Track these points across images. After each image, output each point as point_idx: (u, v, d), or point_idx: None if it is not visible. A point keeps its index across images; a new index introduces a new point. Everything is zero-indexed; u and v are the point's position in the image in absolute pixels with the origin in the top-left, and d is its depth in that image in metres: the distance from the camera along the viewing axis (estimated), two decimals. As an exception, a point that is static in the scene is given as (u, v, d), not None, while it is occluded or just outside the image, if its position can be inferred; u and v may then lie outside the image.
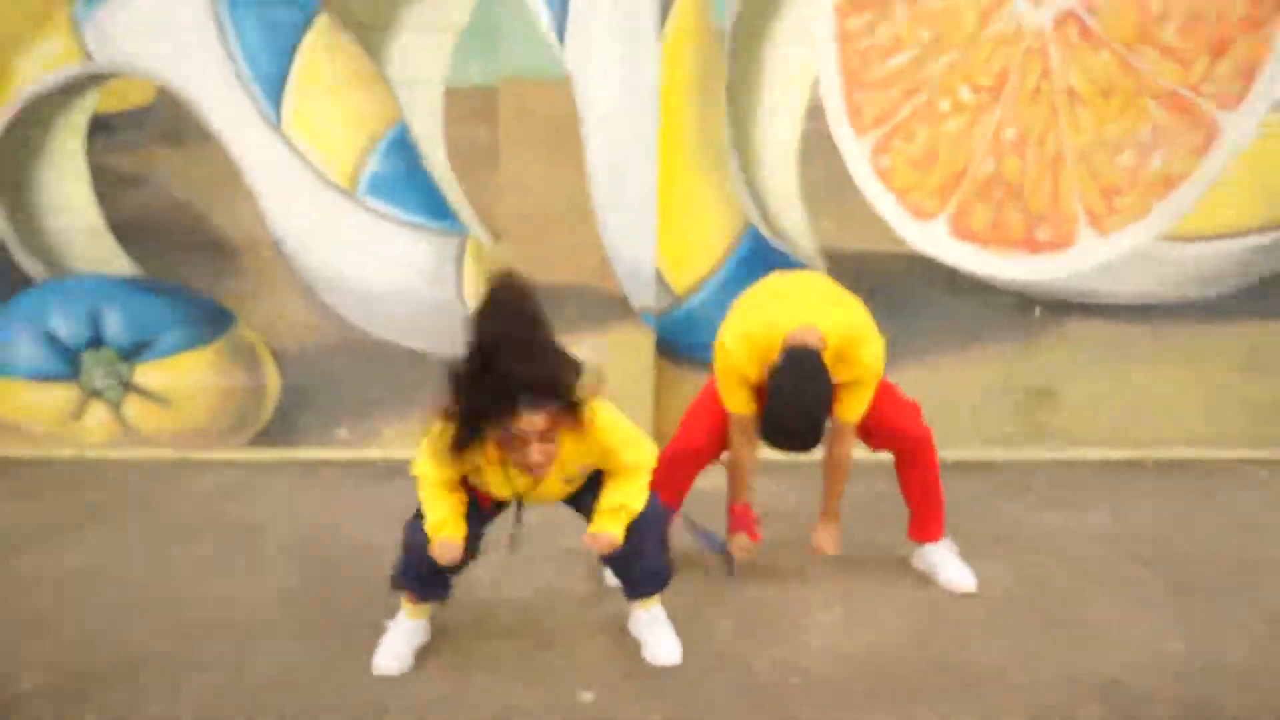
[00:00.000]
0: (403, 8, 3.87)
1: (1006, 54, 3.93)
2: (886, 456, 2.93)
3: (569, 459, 2.29)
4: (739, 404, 2.70)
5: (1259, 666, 2.42)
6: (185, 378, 4.17)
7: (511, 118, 3.74)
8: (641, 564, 2.43)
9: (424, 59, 3.91)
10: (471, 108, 3.92)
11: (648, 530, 2.38)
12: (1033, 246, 4.10)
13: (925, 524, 2.92)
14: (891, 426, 2.81)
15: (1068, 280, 4.13)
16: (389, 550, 2.52)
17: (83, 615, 2.69)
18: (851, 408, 2.67)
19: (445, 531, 2.30)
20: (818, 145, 4.00)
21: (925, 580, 2.91)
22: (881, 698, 2.28)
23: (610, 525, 2.32)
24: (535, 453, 2.13)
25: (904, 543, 3.02)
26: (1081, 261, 4.10)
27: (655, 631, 2.49)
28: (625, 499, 2.33)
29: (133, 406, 4.20)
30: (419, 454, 2.32)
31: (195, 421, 4.22)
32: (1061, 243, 4.10)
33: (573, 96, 3.72)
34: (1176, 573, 2.97)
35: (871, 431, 2.84)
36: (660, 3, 3.74)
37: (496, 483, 2.34)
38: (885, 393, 2.78)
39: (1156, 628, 2.61)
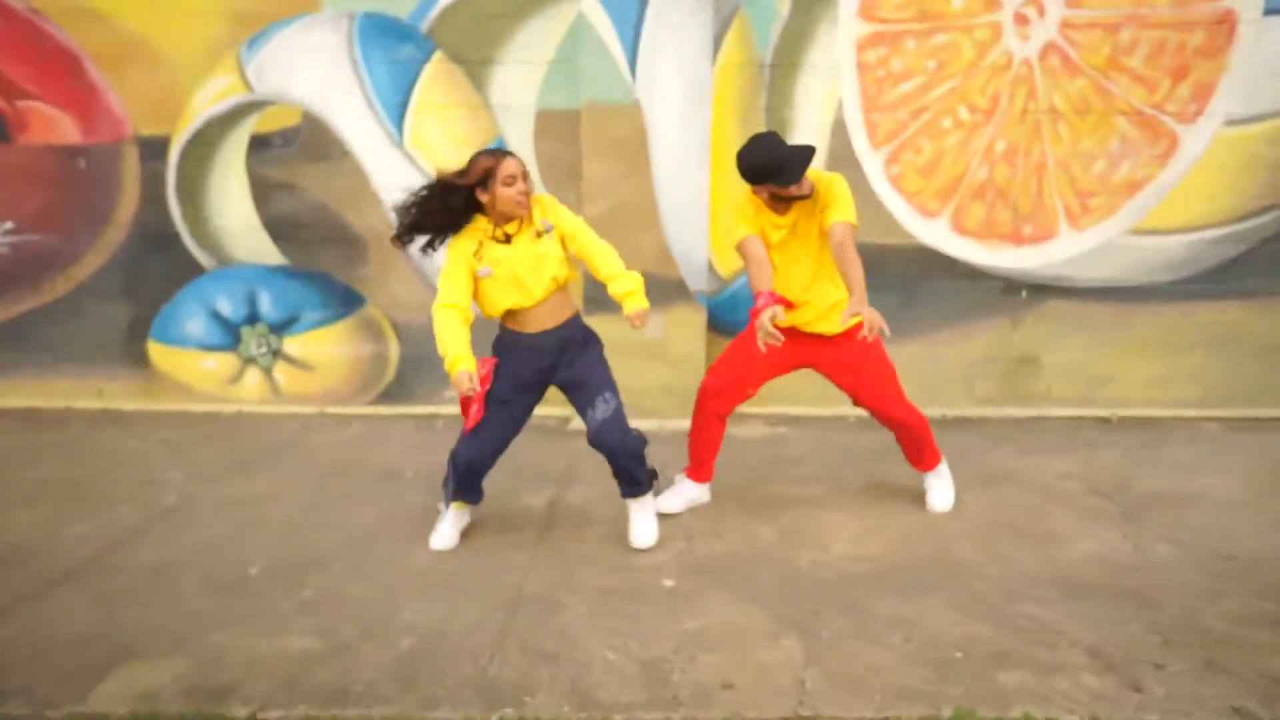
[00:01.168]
0: (502, 46, 4.36)
1: (999, 80, 4.34)
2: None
3: (532, 221, 2.83)
4: (751, 228, 3.03)
5: (1182, 562, 2.88)
6: (324, 347, 4.72)
7: (592, 136, 4.22)
8: (643, 469, 3.03)
9: (519, 88, 4.40)
10: (557, 128, 4.40)
11: (639, 448, 2.99)
12: (1019, 240, 4.52)
13: (918, 462, 3.38)
14: (889, 416, 3.23)
15: (1048, 268, 4.55)
16: (494, 480, 3.07)
17: (277, 528, 3.25)
18: (841, 211, 2.92)
19: (461, 364, 2.75)
20: (841, 157, 4.44)
21: (920, 505, 3.38)
22: (889, 586, 2.77)
23: (639, 301, 2.86)
24: (523, 186, 2.75)
25: (901, 477, 3.50)
26: (1060, 252, 4.51)
27: (640, 520, 3.06)
28: (631, 278, 2.88)
29: (281, 372, 4.77)
30: (439, 290, 2.82)
31: (331, 384, 4.78)
32: (1044, 236, 4.51)
33: (641, 119, 4.19)
34: (1127, 501, 3.43)
35: (872, 410, 3.24)
36: (712, 40, 4.19)
37: (492, 255, 2.80)
38: (884, 376, 3.20)
39: (1106, 539, 3.08)
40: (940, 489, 3.38)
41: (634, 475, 3.01)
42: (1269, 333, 4.56)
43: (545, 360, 2.93)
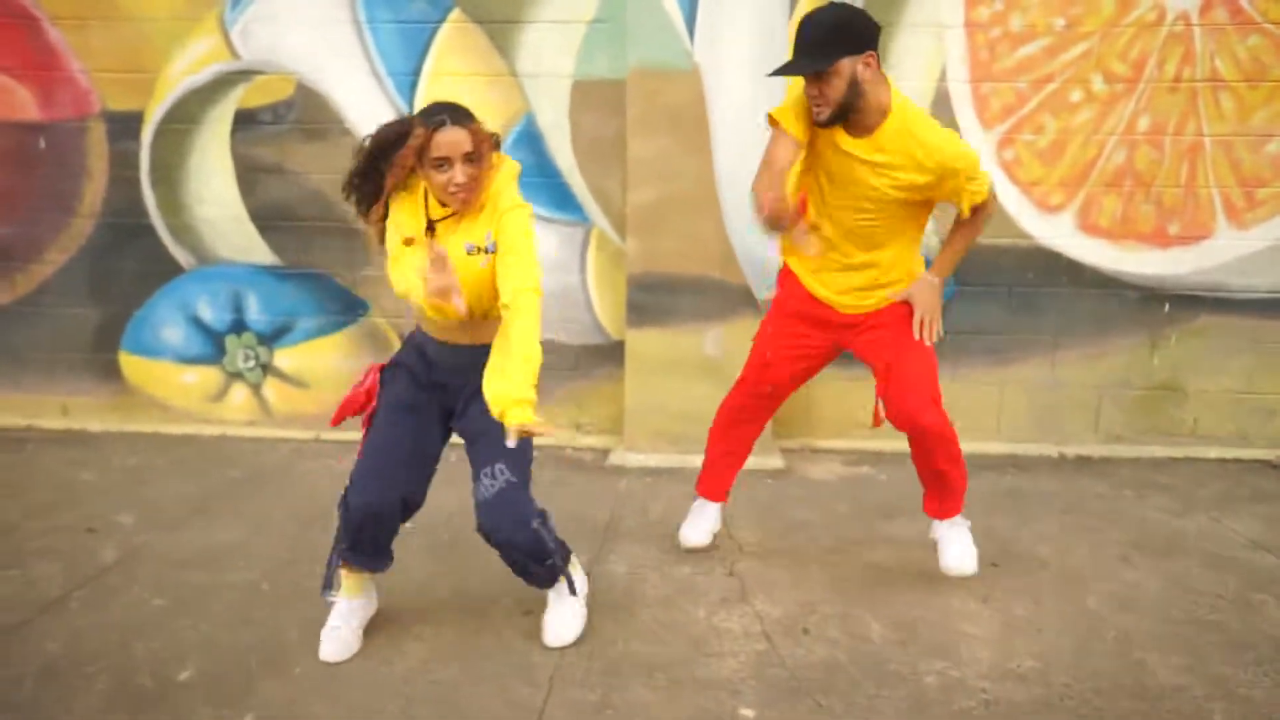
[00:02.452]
0: (531, 3, 3.59)
1: (1146, 40, 3.47)
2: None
3: (475, 226, 2.05)
4: (795, 128, 2.25)
5: None
6: (321, 361, 3.99)
7: (640, 109, 3.43)
8: (541, 564, 2.20)
9: (552, 53, 3.62)
10: (599, 99, 3.62)
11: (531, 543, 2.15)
12: (1164, 241, 3.64)
13: (938, 504, 2.52)
14: (915, 421, 2.36)
15: (1200, 274, 3.66)
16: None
17: (232, 600, 2.49)
18: (967, 197, 2.27)
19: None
20: (943, 135, 3.60)
21: (1078, 586, 2.53)
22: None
23: (521, 415, 1.89)
24: (459, 173, 1.95)
25: (1035, 536, 2.66)
26: (1216, 256, 3.63)
27: (554, 613, 2.26)
28: (520, 366, 1.94)
29: (272, 388, 4.04)
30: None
31: (329, 403, 4.02)
32: (1196, 236, 3.63)
33: (701, 87, 3.39)
34: (1352, 588, 2.55)
35: (895, 407, 2.40)
36: (790, -7, 3.38)
37: (410, 215, 2.07)
38: (921, 365, 2.38)
39: (1350, 652, 2.21)
40: (959, 544, 2.49)
41: (527, 570, 2.21)
42: None
43: (440, 376, 2.17)
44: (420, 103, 3.70)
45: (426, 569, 2.67)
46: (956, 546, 2.49)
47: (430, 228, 2.07)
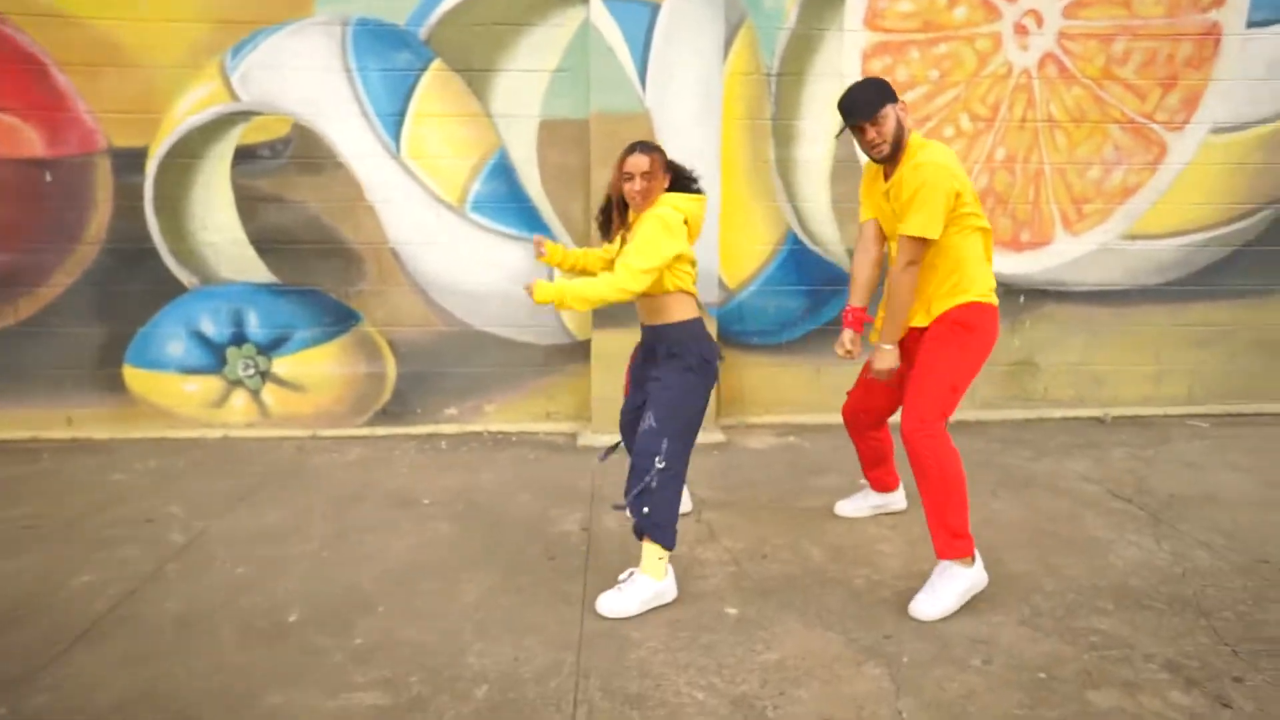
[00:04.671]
0: (504, 54, 4.20)
1: (1000, 89, 4.37)
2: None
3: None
4: (867, 207, 2.88)
5: (1223, 567, 2.93)
6: (316, 367, 4.49)
7: (601, 146, 4.10)
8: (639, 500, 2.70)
9: (522, 96, 4.24)
10: (563, 137, 4.27)
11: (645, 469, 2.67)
12: (1018, 246, 4.57)
13: (943, 536, 2.66)
14: (902, 420, 2.70)
15: (1045, 273, 4.61)
16: (521, 502, 2.90)
17: (304, 565, 3.05)
18: (910, 220, 2.58)
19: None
20: (846, 166, 4.42)
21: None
22: (952, 603, 2.73)
23: (549, 291, 2.54)
24: (636, 183, 2.62)
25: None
26: (1057, 257, 4.58)
27: (613, 591, 2.72)
28: (586, 287, 2.55)
29: (270, 393, 4.52)
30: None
31: (324, 404, 4.55)
32: (1041, 242, 4.57)
33: (651, 127, 4.09)
34: (1150, 504, 3.48)
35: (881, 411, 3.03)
36: (723, 49, 4.11)
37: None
38: (918, 380, 2.69)
39: (1144, 545, 3.12)
40: (927, 592, 2.65)
41: (630, 491, 2.72)
42: (1255, 331, 4.72)
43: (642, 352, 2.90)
44: (406, 140, 4.26)
45: (454, 533, 3.29)
46: (922, 594, 2.62)
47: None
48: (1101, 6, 4.30)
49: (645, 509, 2.67)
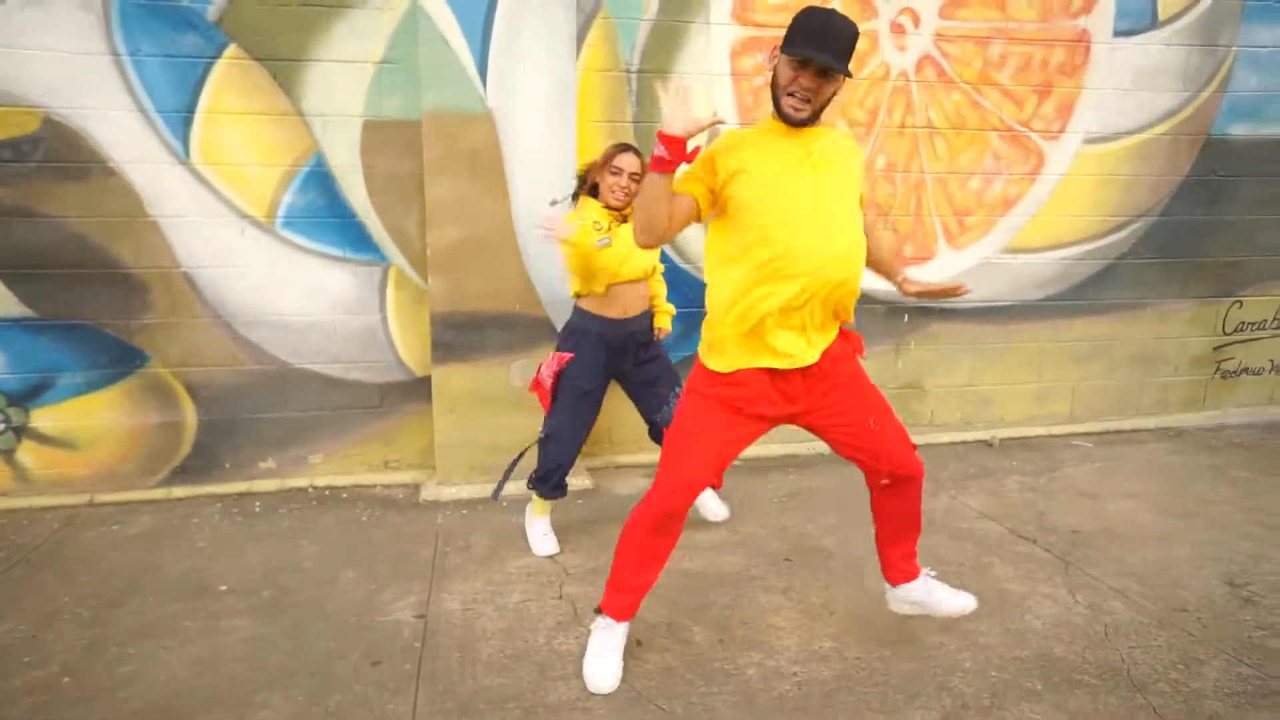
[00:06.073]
0: (316, 42, 3.52)
1: (878, 92, 4.06)
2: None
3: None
4: (693, 188, 2.19)
5: (1142, 623, 2.64)
6: (91, 419, 3.66)
7: (437, 152, 3.49)
8: None
9: (340, 92, 3.57)
10: (392, 140, 3.63)
11: None
12: (902, 261, 4.27)
13: (905, 561, 2.47)
14: (891, 454, 2.32)
15: (928, 289, 4.33)
16: (344, 584, 2.30)
17: (21, 709, 2.30)
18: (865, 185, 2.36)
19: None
20: (718, 174, 3.98)
21: (859, 571, 2.97)
22: (870, 699, 2.31)
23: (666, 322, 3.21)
24: (624, 179, 2.89)
25: (817, 526, 3.07)
26: (940, 272, 4.31)
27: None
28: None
29: (29, 453, 3.65)
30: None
31: (104, 464, 3.72)
32: (924, 256, 4.30)
33: (495, 131, 3.52)
34: (1055, 545, 3.20)
35: (876, 455, 2.33)
36: (575, 41, 3.59)
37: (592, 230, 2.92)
38: (888, 414, 2.37)
39: (1058, 598, 2.80)
40: (946, 592, 2.51)
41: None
42: (1130, 345, 4.62)
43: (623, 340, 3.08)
44: (197, 142, 3.51)
45: (254, 636, 2.60)
46: (948, 598, 2.47)
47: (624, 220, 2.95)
48: (977, 7, 4.07)
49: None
